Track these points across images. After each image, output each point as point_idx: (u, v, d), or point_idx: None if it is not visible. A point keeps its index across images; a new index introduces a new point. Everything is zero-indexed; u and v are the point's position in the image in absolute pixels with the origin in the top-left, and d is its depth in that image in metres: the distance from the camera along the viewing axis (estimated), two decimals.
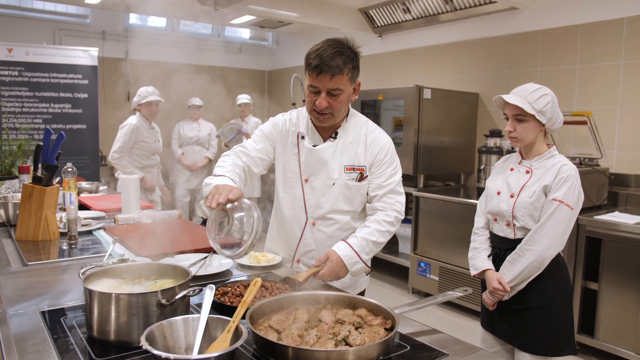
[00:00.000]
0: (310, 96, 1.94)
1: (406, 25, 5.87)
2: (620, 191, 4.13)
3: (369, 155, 2.05)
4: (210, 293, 1.30)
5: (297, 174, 2.07)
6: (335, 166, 2.03)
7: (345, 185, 2.03)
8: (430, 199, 4.68)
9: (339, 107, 1.93)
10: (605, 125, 4.18)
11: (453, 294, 1.63)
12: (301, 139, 2.07)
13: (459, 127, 5.22)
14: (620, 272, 3.43)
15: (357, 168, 2.04)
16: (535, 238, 2.10)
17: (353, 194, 2.06)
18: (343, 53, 1.87)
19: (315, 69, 1.86)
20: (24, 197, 2.35)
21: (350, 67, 1.90)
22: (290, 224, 2.11)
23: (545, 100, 2.11)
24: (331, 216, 2.06)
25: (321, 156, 2.03)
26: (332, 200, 2.04)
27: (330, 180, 2.03)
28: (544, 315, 2.16)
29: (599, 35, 4.24)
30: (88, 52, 5.96)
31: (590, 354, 3.68)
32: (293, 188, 2.08)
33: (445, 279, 4.56)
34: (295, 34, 8.00)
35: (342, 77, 1.87)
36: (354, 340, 1.27)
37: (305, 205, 2.07)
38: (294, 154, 2.07)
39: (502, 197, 2.23)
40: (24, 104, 5.66)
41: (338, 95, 1.90)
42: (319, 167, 2.03)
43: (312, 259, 2.06)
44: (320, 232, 2.08)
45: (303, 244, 2.11)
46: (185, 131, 6.81)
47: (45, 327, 1.39)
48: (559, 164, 2.14)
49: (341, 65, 1.85)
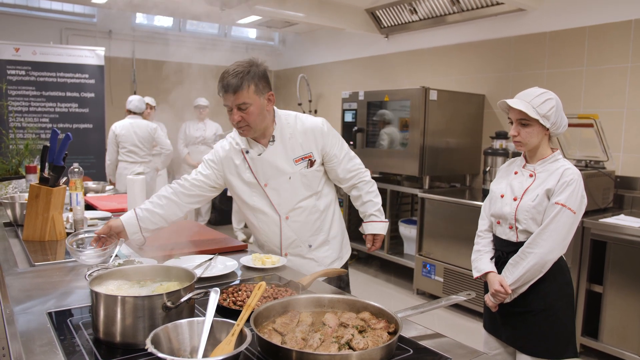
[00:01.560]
0: (228, 114, 2.16)
1: (413, 26, 5.86)
2: (626, 194, 4.11)
3: (312, 141, 2.27)
4: (215, 296, 1.31)
5: (255, 184, 2.27)
6: (285, 163, 2.24)
7: (300, 174, 2.26)
8: (435, 200, 4.68)
9: (252, 119, 2.12)
10: (611, 128, 4.17)
11: (457, 298, 1.63)
12: (246, 153, 2.26)
13: (465, 129, 5.21)
14: (625, 275, 3.42)
15: (304, 157, 2.26)
16: (538, 241, 2.10)
17: (310, 180, 2.29)
18: (242, 72, 2.07)
19: (221, 90, 2.11)
20: (31, 198, 2.38)
21: (254, 82, 2.09)
22: (267, 225, 2.32)
23: (549, 105, 2.11)
24: (299, 205, 2.28)
25: (269, 160, 2.23)
26: (294, 192, 2.26)
27: (286, 175, 2.24)
28: (546, 318, 2.16)
29: (606, 37, 4.23)
30: (95, 52, 6.00)
31: (594, 357, 3.67)
32: (258, 196, 2.29)
33: (450, 280, 4.56)
34: (301, 33, 8.02)
35: (244, 92, 2.06)
36: (357, 344, 1.28)
37: (273, 206, 2.28)
38: (245, 168, 2.27)
39: (505, 200, 2.24)
40: (31, 103, 5.69)
41: (247, 109, 2.09)
42: (272, 170, 2.24)
43: (297, 248, 2.33)
44: (294, 222, 2.30)
45: (285, 237, 2.32)
46: (191, 131, 6.84)
47: (52, 328, 1.41)
48: (562, 168, 2.13)
49: (239, 83, 2.05)
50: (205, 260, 2.04)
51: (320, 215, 2.33)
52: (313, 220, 2.32)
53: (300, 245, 2.32)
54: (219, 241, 2.44)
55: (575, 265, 3.64)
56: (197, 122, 6.88)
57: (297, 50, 8.27)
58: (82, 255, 1.91)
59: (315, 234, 2.34)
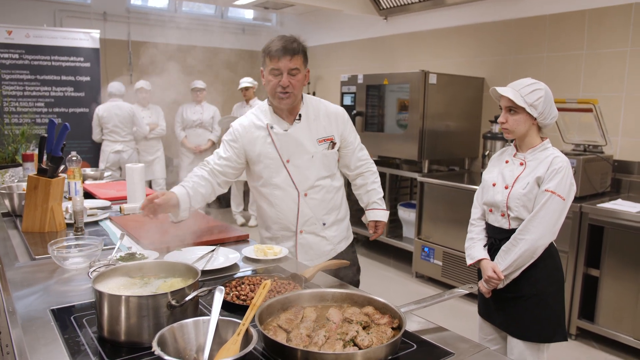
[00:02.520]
0: (273, 80, 2.23)
1: (412, 7, 5.79)
2: (623, 178, 4.13)
3: (335, 125, 2.40)
4: (220, 295, 1.31)
5: (277, 159, 2.32)
6: (310, 142, 2.33)
7: (322, 155, 2.36)
8: (434, 184, 4.68)
9: (298, 86, 2.25)
10: (610, 112, 4.16)
11: (459, 291, 1.65)
12: (271, 128, 2.32)
13: (464, 113, 5.19)
14: (621, 259, 3.45)
15: (327, 139, 2.38)
16: (529, 228, 2.16)
17: (329, 161, 2.40)
18: (296, 41, 2.24)
19: (277, 53, 2.19)
20: (29, 189, 2.36)
21: (303, 54, 2.26)
22: (285, 202, 2.36)
23: (537, 95, 2.16)
24: (318, 183, 2.36)
25: (295, 137, 2.31)
26: (316, 170, 2.35)
27: (309, 154, 2.32)
28: (537, 303, 2.23)
29: (606, 21, 4.19)
30: (89, 34, 5.91)
31: (590, 339, 3.73)
32: (278, 172, 2.33)
33: (448, 264, 4.59)
34: (299, 14, 7.92)
35: (298, 58, 2.23)
36: (362, 342, 1.28)
37: (293, 182, 2.33)
38: (268, 143, 2.32)
39: (497, 188, 2.30)
40: (25, 87, 5.63)
41: (296, 75, 2.23)
42: (296, 147, 2.32)
43: (312, 225, 2.39)
44: (312, 199, 2.37)
45: (302, 214, 2.37)
46: (188, 114, 6.79)
47: (55, 326, 1.41)
48: (551, 156, 2.19)
49: (297, 48, 2.22)
50: (207, 253, 2.04)
51: (334, 194, 2.44)
52: (329, 199, 2.42)
53: (315, 222, 2.40)
54: (220, 231, 2.44)
55: (572, 250, 3.67)
56: (194, 105, 6.83)
57: (295, 31, 8.12)
58: (67, 261, 1.90)
59: (329, 213, 2.43)
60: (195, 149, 6.80)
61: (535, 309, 2.23)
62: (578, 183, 3.55)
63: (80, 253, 1.92)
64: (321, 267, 1.89)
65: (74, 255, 1.91)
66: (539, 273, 2.23)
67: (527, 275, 2.22)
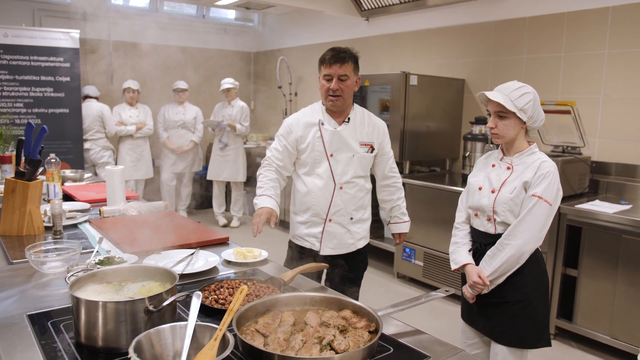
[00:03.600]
0: (325, 84, 2.52)
1: (394, 9, 5.82)
2: (601, 179, 4.20)
3: (376, 135, 2.67)
4: (197, 301, 1.31)
5: (322, 152, 2.59)
6: (354, 142, 2.60)
7: (362, 156, 2.63)
8: (415, 185, 4.72)
9: (347, 91, 2.53)
10: (588, 113, 4.23)
11: (436, 294, 1.66)
12: (321, 124, 2.59)
13: (445, 114, 5.23)
14: (599, 259, 3.51)
15: (368, 144, 2.64)
16: (515, 233, 2.13)
17: (366, 163, 2.66)
18: (347, 51, 2.53)
19: (329, 60, 2.49)
20: (6, 192, 2.33)
21: (353, 61, 2.55)
22: (321, 192, 2.61)
23: (526, 99, 2.13)
24: (353, 180, 2.63)
25: (342, 135, 2.58)
26: (354, 168, 2.61)
27: (351, 153, 2.60)
28: (521, 309, 2.20)
29: (584, 23, 4.26)
30: (69, 34, 5.84)
31: (568, 338, 3.79)
32: (321, 163, 2.60)
33: (429, 264, 4.63)
34: (281, 15, 7.91)
35: (348, 65, 2.50)
36: (338, 346, 1.30)
37: (332, 175, 2.60)
38: (317, 137, 2.59)
39: (483, 192, 2.26)
40: (4, 87, 5.54)
41: (345, 81, 2.50)
42: (341, 144, 2.59)
43: (341, 217, 2.64)
44: (346, 193, 2.63)
45: (334, 204, 2.62)
46: (170, 115, 6.74)
47: (32, 332, 1.40)
48: (539, 161, 2.17)
49: (347, 57, 2.50)
50: (187, 256, 2.04)
51: (365, 194, 2.70)
52: (360, 197, 2.67)
53: (344, 215, 2.64)
54: (200, 233, 2.44)
55: (551, 250, 3.72)
56: (177, 105, 6.78)
57: (277, 32, 8.17)
58: (44, 265, 1.89)
59: (357, 209, 2.68)
60: (177, 149, 6.76)
61: (520, 315, 2.21)
62: None
63: (59, 257, 1.91)
64: (300, 270, 1.90)
65: (52, 260, 1.90)
66: (524, 279, 2.20)
67: (513, 280, 2.20)
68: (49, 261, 1.89)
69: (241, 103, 6.66)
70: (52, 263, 1.89)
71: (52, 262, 1.89)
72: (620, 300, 3.40)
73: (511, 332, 2.22)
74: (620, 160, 4.11)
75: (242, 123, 6.59)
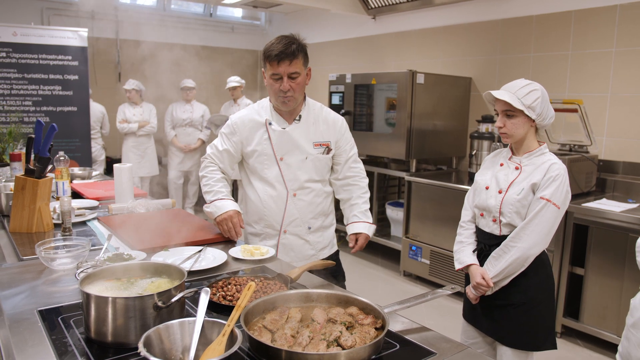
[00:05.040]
0: (274, 84, 2.26)
1: (401, 7, 5.82)
2: (608, 178, 4.18)
3: (332, 132, 2.44)
4: (206, 297, 1.32)
5: (271, 156, 2.37)
6: (306, 143, 2.37)
7: (316, 158, 2.39)
8: (422, 183, 4.72)
9: (298, 89, 2.28)
10: (595, 112, 4.22)
11: (442, 292, 1.67)
12: (269, 125, 2.37)
13: (452, 112, 5.23)
14: (606, 258, 3.51)
15: (323, 144, 2.41)
16: (521, 236, 2.10)
17: (322, 165, 2.43)
18: (294, 43, 2.22)
19: (276, 58, 2.20)
20: (16, 189, 2.36)
21: (302, 54, 2.26)
22: (273, 200, 2.39)
23: (534, 96, 2.09)
24: (308, 185, 2.40)
25: (292, 136, 2.36)
26: (307, 172, 2.38)
27: (304, 155, 2.37)
28: (526, 311, 2.18)
29: (592, 22, 4.24)
30: (77, 33, 5.87)
31: (574, 337, 3.78)
32: (270, 168, 2.38)
33: (435, 262, 4.63)
34: (288, 13, 7.92)
35: (297, 61, 2.23)
36: (345, 342, 1.31)
37: (284, 180, 2.38)
38: (264, 139, 2.36)
39: (490, 192, 2.23)
40: (13, 86, 5.58)
41: (296, 78, 2.25)
42: (292, 146, 2.36)
43: (297, 227, 2.42)
44: (301, 200, 2.40)
45: (288, 214, 2.40)
46: (178, 113, 6.79)
47: (43, 328, 1.42)
48: (548, 162, 2.13)
49: (296, 52, 2.21)
50: (194, 253, 2.06)
51: (324, 199, 2.48)
52: (317, 203, 2.44)
53: (300, 225, 2.42)
54: (207, 231, 2.45)
55: (558, 249, 3.72)
56: (184, 103, 6.82)
57: (284, 30, 8.18)
58: (54, 262, 1.91)
59: (315, 217, 2.46)
60: (185, 148, 6.79)
61: (525, 317, 2.18)
62: None
63: (68, 254, 1.93)
64: (307, 267, 1.91)
65: (62, 256, 1.92)
66: (529, 281, 2.17)
67: (518, 283, 2.17)
68: (59, 258, 1.91)
69: (247, 101, 6.68)
70: (62, 260, 1.91)
71: (61, 259, 1.91)
72: (626, 299, 3.38)
73: (516, 334, 2.20)
74: (627, 159, 4.10)
75: None
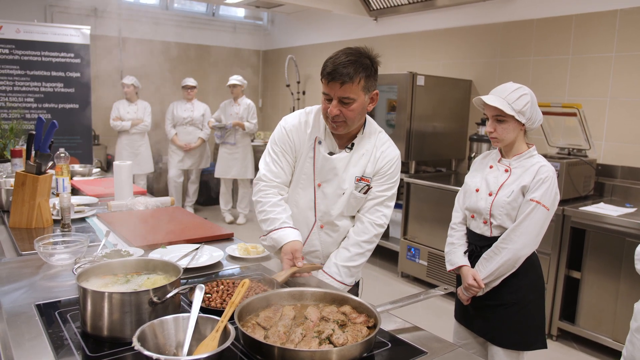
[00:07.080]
0: (324, 103, 1.96)
1: (402, 9, 5.84)
2: (606, 182, 4.20)
3: (375, 167, 2.10)
4: (200, 293, 1.34)
5: (310, 178, 2.11)
6: (347, 176, 2.07)
7: (352, 195, 2.09)
8: (421, 185, 4.74)
9: (351, 116, 1.93)
10: (594, 116, 4.23)
11: (435, 292, 1.69)
12: (318, 143, 2.08)
13: (452, 114, 5.25)
14: (602, 262, 3.52)
15: (364, 179, 2.09)
16: (512, 237, 2.13)
17: (358, 203, 2.13)
18: (356, 62, 1.87)
19: (327, 76, 1.88)
20: (17, 185, 2.38)
21: (363, 77, 1.89)
22: (298, 223, 2.10)
23: (524, 101, 2.11)
24: (338, 222, 2.13)
25: (335, 165, 2.06)
26: (341, 208, 2.11)
27: (341, 190, 2.08)
28: (517, 311, 2.21)
29: (592, 26, 4.26)
30: (80, 31, 5.89)
31: (570, 340, 3.80)
32: (305, 190, 2.13)
33: (433, 264, 4.64)
34: (290, 14, 7.94)
35: (352, 85, 1.87)
36: (337, 340, 1.33)
37: (315, 209, 2.13)
38: (309, 158, 2.09)
39: (480, 194, 2.25)
40: (15, 82, 5.61)
41: (349, 104, 1.90)
42: (332, 175, 2.07)
43: (315, 259, 2.18)
44: (327, 235, 2.16)
45: (309, 244, 2.17)
46: (178, 112, 6.81)
47: (40, 322, 1.44)
48: (537, 165, 2.16)
49: (352, 73, 1.85)
50: (191, 251, 2.07)
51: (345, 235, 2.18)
52: (340, 240, 2.17)
53: (319, 257, 2.19)
54: (205, 229, 2.47)
55: (555, 252, 3.73)
56: (185, 102, 6.85)
57: (286, 30, 8.21)
58: (53, 257, 1.93)
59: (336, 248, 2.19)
60: (185, 146, 6.82)
61: (516, 317, 2.21)
62: (561, 186, 3.61)
63: (66, 249, 1.95)
64: (294, 270, 1.89)
65: (60, 252, 1.94)
66: (520, 281, 2.20)
67: (509, 283, 2.20)
68: (57, 253, 1.94)
69: (247, 101, 6.71)
70: (60, 255, 1.94)
71: (60, 254, 1.94)
72: (623, 303, 3.41)
73: (507, 334, 2.23)
74: (626, 163, 4.11)
75: (250, 121, 6.64)
